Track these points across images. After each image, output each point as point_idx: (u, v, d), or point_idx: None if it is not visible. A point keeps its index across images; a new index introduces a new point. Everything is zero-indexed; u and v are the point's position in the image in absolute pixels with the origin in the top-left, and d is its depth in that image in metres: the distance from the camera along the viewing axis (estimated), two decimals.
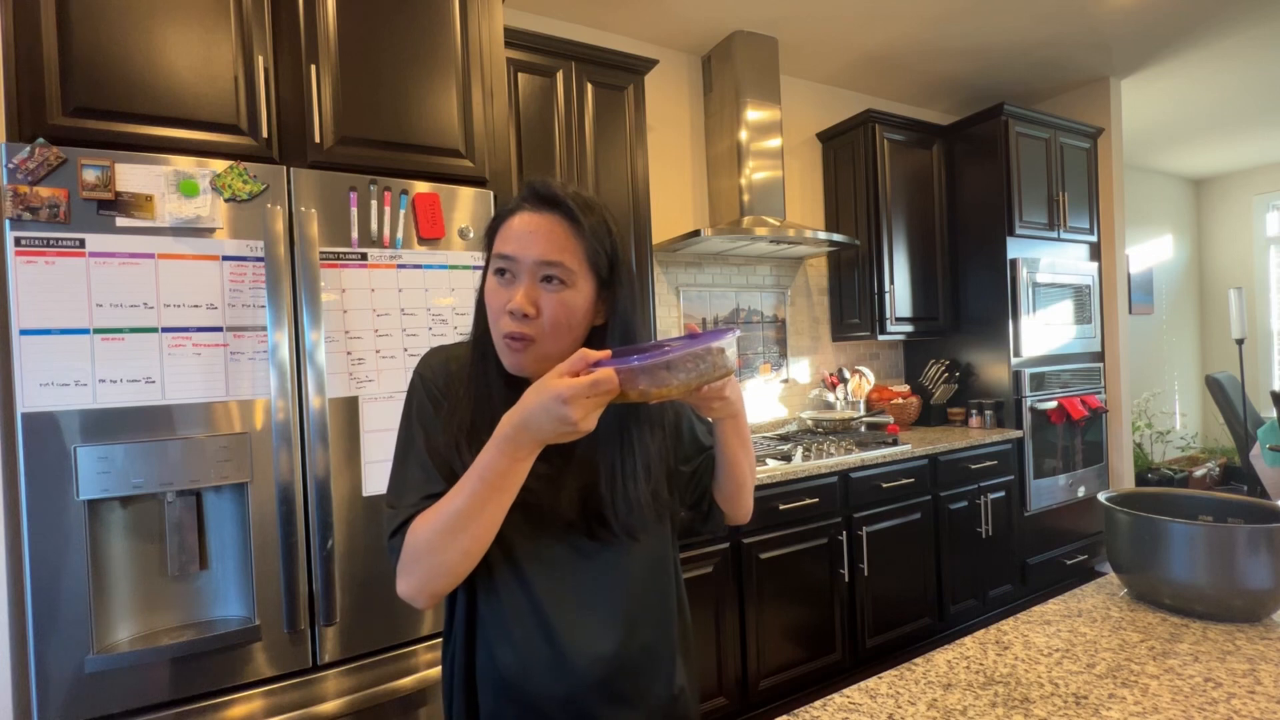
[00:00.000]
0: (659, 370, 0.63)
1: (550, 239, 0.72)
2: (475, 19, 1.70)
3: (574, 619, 0.76)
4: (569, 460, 0.78)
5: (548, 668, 0.75)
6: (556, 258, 0.72)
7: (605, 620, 0.77)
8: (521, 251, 0.72)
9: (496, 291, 0.74)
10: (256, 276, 1.36)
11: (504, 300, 0.73)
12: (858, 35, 2.88)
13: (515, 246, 0.73)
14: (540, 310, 0.72)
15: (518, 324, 0.72)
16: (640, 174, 2.34)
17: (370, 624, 1.44)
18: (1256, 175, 5.35)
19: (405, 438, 0.79)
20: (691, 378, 0.65)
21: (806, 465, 2.36)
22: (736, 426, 0.82)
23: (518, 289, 0.72)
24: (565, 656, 0.75)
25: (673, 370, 0.64)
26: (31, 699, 1.17)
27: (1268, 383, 5.24)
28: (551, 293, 0.73)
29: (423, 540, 0.69)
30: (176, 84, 1.37)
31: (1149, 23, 2.90)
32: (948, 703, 0.78)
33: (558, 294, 0.73)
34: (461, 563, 0.69)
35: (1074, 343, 3.35)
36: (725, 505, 0.89)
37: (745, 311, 3.09)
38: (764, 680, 2.26)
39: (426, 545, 0.69)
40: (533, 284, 0.72)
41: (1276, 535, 0.93)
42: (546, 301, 0.73)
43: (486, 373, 0.78)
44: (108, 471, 1.22)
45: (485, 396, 0.77)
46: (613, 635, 0.77)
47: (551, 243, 0.72)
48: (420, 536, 0.69)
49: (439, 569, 0.69)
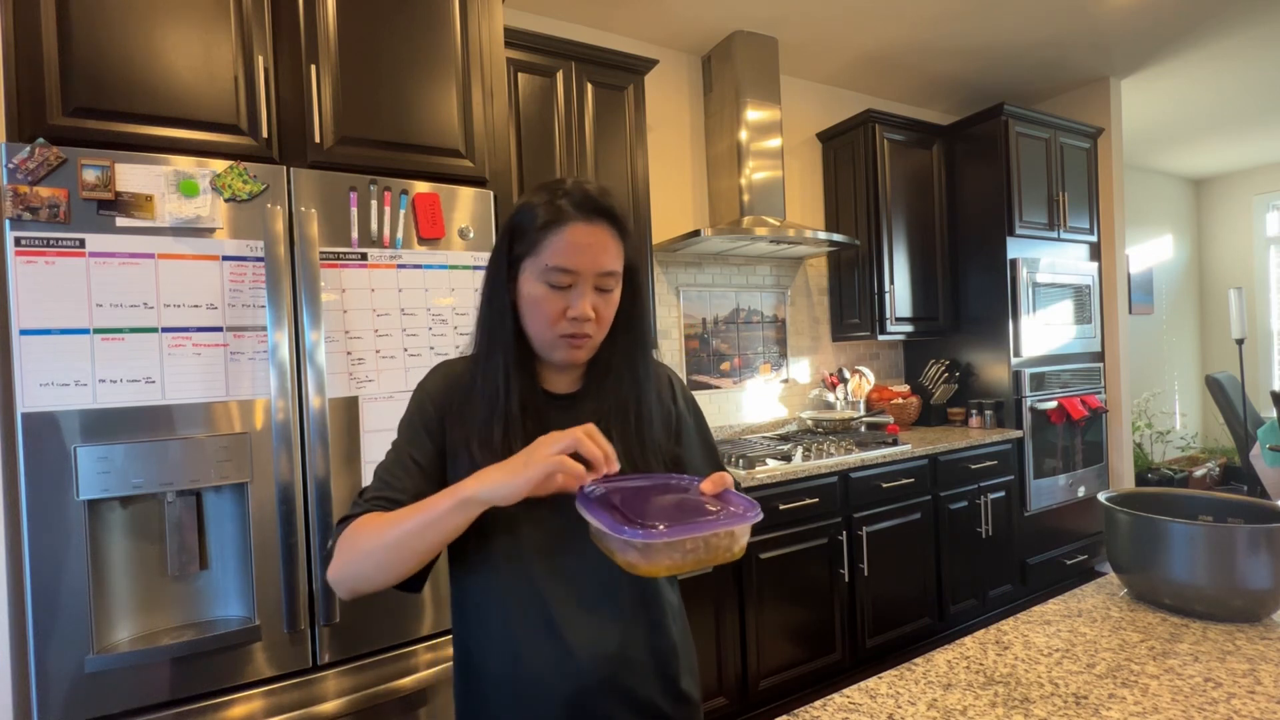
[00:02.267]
0: (656, 549, 0.56)
1: (607, 251, 0.79)
2: (475, 19, 1.70)
3: (577, 615, 0.76)
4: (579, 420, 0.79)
5: (551, 664, 0.75)
6: (613, 267, 0.79)
7: (609, 617, 0.78)
8: (584, 266, 0.77)
9: (551, 298, 0.78)
10: (256, 276, 1.36)
11: (561, 307, 0.78)
12: (858, 35, 2.88)
13: (577, 261, 0.77)
14: (598, 313, 0.79)
15: (581, 327, 0.78)
16: (640, 174, 2.34)
17: (370, 624, 1.44)
18: (1256, 175, 5.35)
19: (395, 440, 0.84)
20: (688, 559, 0.57)
21: (806, 465, 2.36)
22: None
23: (578, 297, 0.78)
24: (569, 652, 0.75)
25: (672, 549, 0.57)
26: (31, 699, 1.17)
27: (1268, 383, 5.23)
28: (604, 296, 0.80)
29: (357, 544, 0.73)
30: (176, 84, 1.37)
31: (1149, 23, 2.90)
32: (948, 703, 0.78)
33: (607, 298, 0.81)
34: (377, 578, 0.73)
35: (1074, 343, 3.35)
36: None
37: (745, 311, 3.09)
38: (764, 680, 2.26)
39: (357, 550, 0.73)
40: (590, 291, 0.79)
41: (1276, 535, 0.93)
42: (601, 303, 0.80)
43: (498, 371, 0.81)
44: (108, 471, 1.22)
45: (494, 396, 0.80)
46: (616, 631, 0.78)
47: (609, 255, 0.79)
48: (356, 538, 0.74)
49: (358, 575, 0.74)
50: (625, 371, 0.85)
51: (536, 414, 0.81)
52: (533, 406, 0.82)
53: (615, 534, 0.56)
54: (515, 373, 0.80)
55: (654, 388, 0.87)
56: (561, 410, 0.84)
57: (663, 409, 0.89)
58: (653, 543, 0.56)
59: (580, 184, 0.79)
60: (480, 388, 0.81)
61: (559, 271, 0.77)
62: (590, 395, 0.86)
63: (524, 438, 0.76)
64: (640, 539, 0.55)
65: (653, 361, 0.89)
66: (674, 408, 0.92)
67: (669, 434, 0.89)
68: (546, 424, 0.80)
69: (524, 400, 0.81)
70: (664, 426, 0.88)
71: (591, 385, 0.86)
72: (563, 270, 0.77)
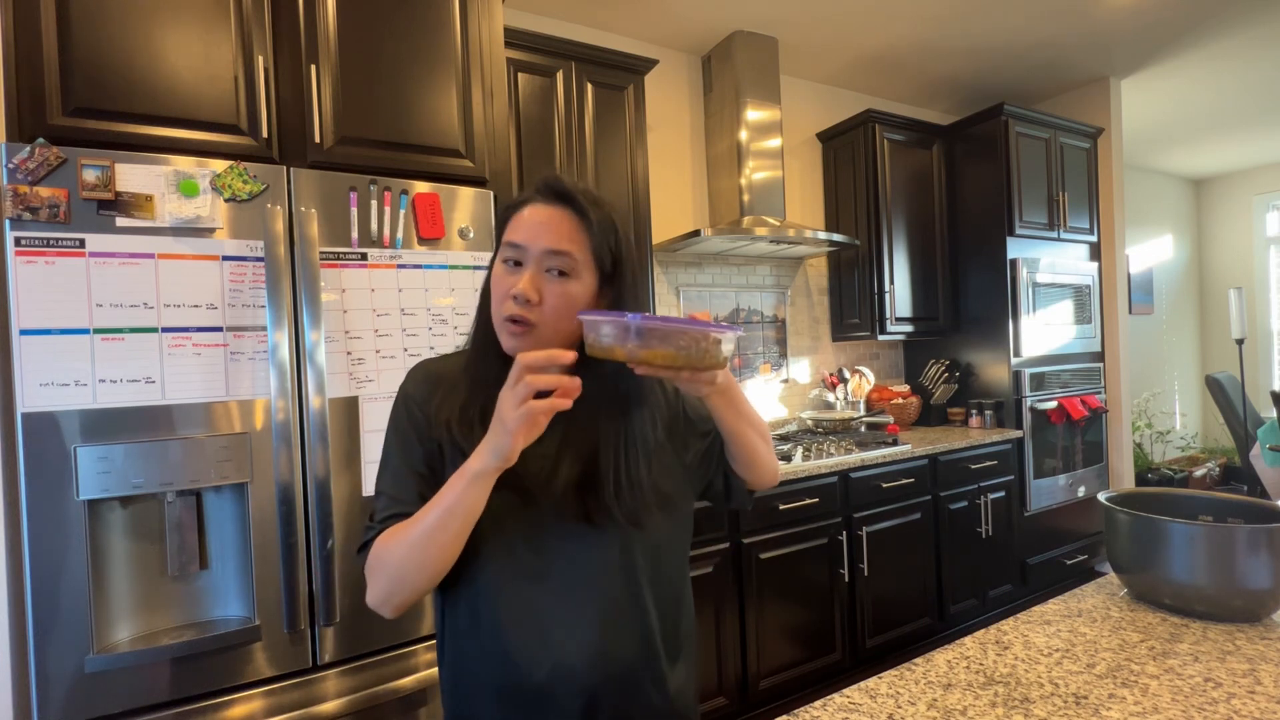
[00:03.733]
0: (652, 333, 0.62)
1: (558, 230, 0.75)
2: (475, 19, 1.70)
3: (569, 616, 0.75)
4: (566, 443, 0.78)
5: (541, 665, 0.74)
6: (563, 248, 0.75)
7: (602, 617, 0.76)
8: (530, 240, 0.75)
9: (502, 278, 0.76)
10: (256, 276, 1.36)
11: (508, 285, 0.75)
12: (858, 35, 2.88)
13: (524, 235, 0.75)
14: (543, 298, 0.75)
15: (520, 308, 0.74)
16: (640, 174, 2.34)
17: (370, 624, 1.44)
18: (1256, 175, 5.35)
19: (384, 453, 0.82)
20: (680, 354, 0.63)
21: (806, 465, 2.36)
22: (729, 400, 0.80)
23: (523, 275, 0.74)
24: (559, 654, 0.74)
25: (665, 340, 0.63)
26: (31, 699, 1.17)
27: (1268, 383, 5.23)
28: (555, 283, 0.75)
29: (385, 558, 0.73)
30: (176, 84, 1.37)
31: (1149, 23, 2.90)
32: (948, 703, 0.78)
33: (561, 284, 0.75)
34: (418, 580, 0.73)
35: (1074, 343, 3.35)
36: (745, 473, 0.88)
37: (745, 311, 3.09)
38: (764, 680, 2.26)
39: (388, 562, 0.73)
40: (538, 272, 0.75)
41: (1276, 535, 0.93)
42: (550, 290, 0.75)
43: (486, 358, 0.80)
44: (108, 471, 1.22)
45: (481, 380, 0.79)
46: (610, 632, 0.76)
47: (559, 234, 0.75)
48: (382, 554, 0.73)
49: (399, 585, 0.73)
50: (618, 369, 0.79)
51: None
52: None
53: (618, 318, 0.63)
54: (499, 364, 0.77)
55: (654, 387, 0.83)
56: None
57: (669, 410, 0.85)
58: (651, 325, 0.62)
59: (559, 175, 0.79)
60: (465, 377, 0.80)
61: (509, 247, 0.76)
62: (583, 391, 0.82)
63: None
64: (639, 320, 0.62)
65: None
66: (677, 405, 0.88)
67: (673, 436, 0.85)
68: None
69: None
70: (667, 428, 0.84)
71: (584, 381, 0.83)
72: (511, 245, 0.76)
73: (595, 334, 0.67)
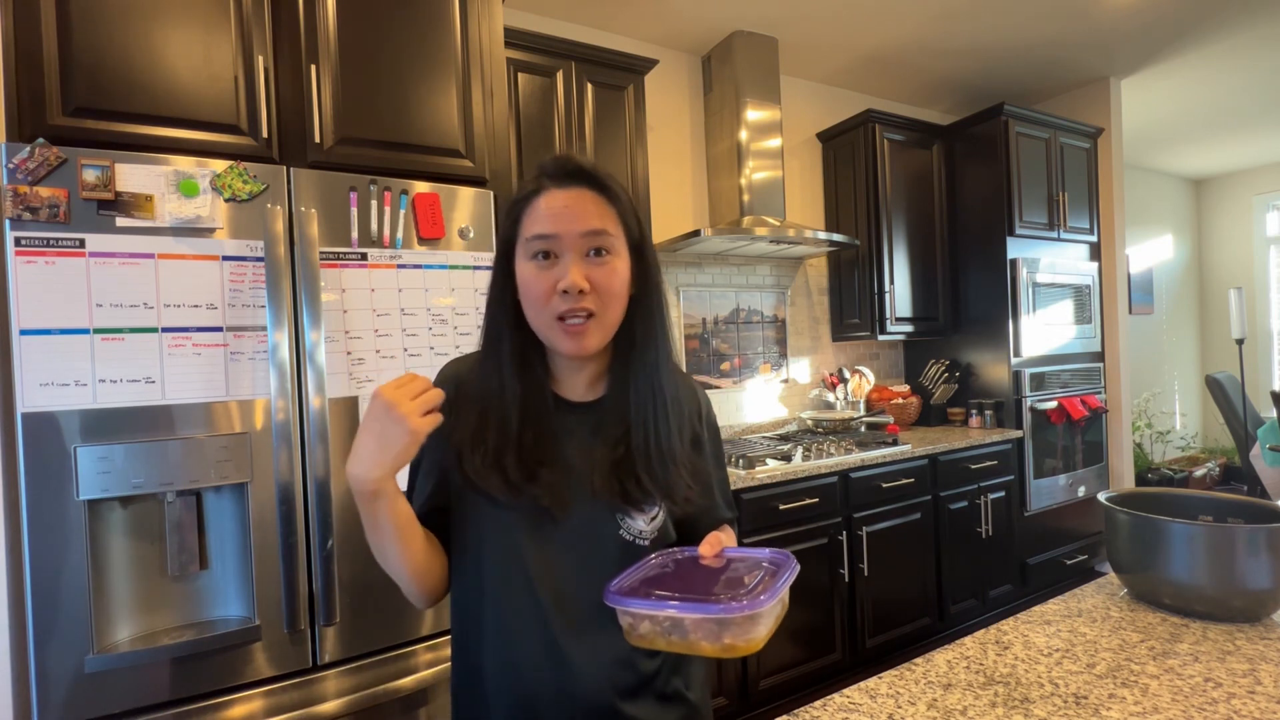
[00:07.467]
0: (761, 616, 0.53)
1: (587, 210, 0.71)
2: (475, 19, 1.70)
3: (578, 618, 0.74)
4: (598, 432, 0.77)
5: (549, 669, 0.73)
6: (600, 226, 0.70)
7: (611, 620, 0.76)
8: (561, 228, 0.69)
9: (539, 277, 0.70)
10: (256, 276, 1.36)
11: (550, 282, 0.69)
12: (858, 35, 2.88)
13: (552, 224, 0.69)
14: (594, 284, 0.70)
15: (575, 300, 0.68)
16: (640, 174, 2.33)
17: (370, 624, 1.44)
18: (1256, 175, 5.35)
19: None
20: (775, 621, 0.54)
21: (806, 465, 2.36)
22: None
23: (565, 267, 0.69)
24: (568, 657, 0.73)
25: (684, 631, 0.53)
26: (31, 699, 1.17)
27: (1268, 383, 5.23)
28: (600, 264, 0.71)
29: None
30: (176, 84, 1.37)
31: (1149, 23, 2.90)
32: (948, 703, 0.78)
33: (606, 263, 0.71)
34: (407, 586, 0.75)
35: (1074, 343, 3.35)
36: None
37: (745, 311, 3.08)
38: (764, 680, 2.26)
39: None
40: (580, 258, 0.70)
41: (1276, 535, 0.93)
42: (598, 274, 0.70)
43: (507, 364, 0.75)
44: (108, 471, 1.22)
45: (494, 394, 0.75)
46: (618, 635, 0.76)
47: (589, 213, 0.70)
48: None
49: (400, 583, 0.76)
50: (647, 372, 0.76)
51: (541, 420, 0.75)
52: (538, 412, 0.75)
53: (724, 613, 0.51)
54: (516, 370, 0.74)
55: (678, 393, 0.81)
56: (577, 418, 0.77)
57: (690, 428, 0.83)
58: (758, 612, 0.51)
59: (561, 155, 0.74)
60: (476, 388, 0.75)
61: (539, 239, 0.70)
62: (612, 403, 0.78)
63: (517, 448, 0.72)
64: (745, 611, 0.50)
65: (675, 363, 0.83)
66: (698, 428, 0.86)
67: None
68: (554, 432, 0.75)
69: (527, 403, 0.74)
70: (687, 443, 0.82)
71: (614, 391, 0.78)
72: (541, 237, 0.69)
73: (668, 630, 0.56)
